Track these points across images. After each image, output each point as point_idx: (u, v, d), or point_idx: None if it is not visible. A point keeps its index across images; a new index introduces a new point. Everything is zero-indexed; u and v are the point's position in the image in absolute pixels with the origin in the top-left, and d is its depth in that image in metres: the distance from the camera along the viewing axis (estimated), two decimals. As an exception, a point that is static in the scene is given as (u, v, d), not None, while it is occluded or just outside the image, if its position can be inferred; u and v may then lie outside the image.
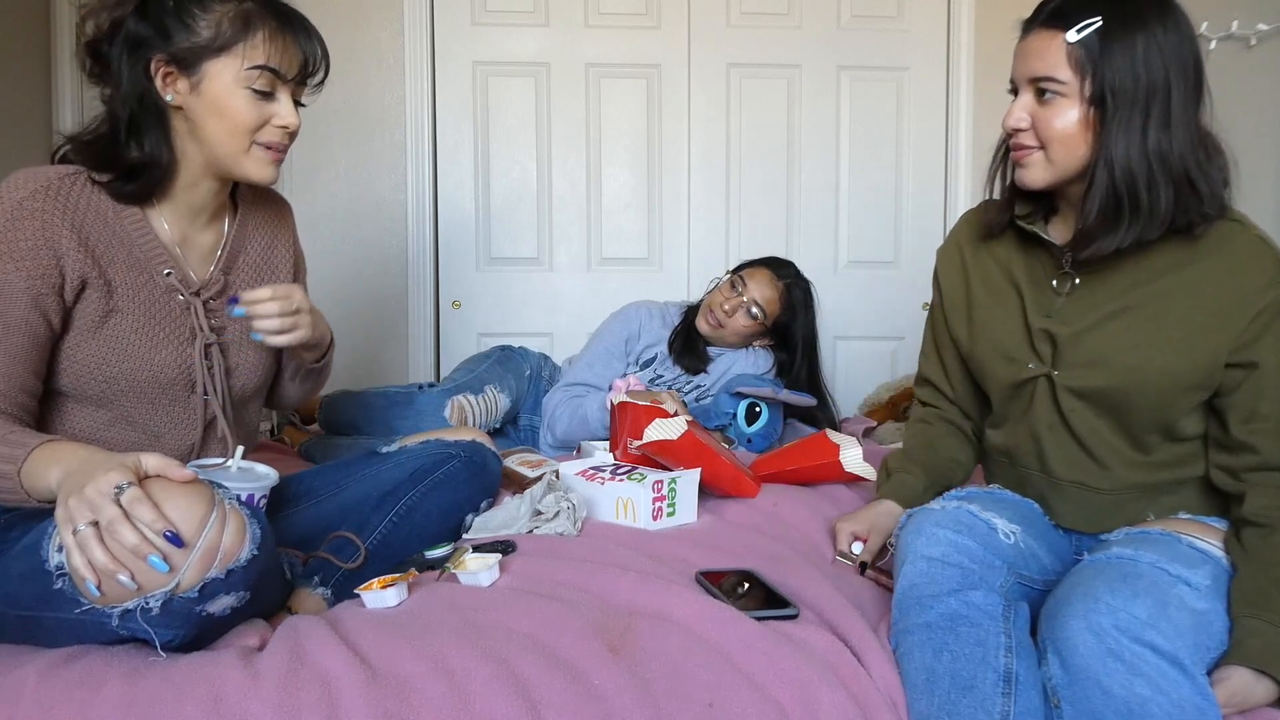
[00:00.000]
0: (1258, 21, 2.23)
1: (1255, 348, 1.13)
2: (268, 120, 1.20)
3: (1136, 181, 1.10)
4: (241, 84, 1.17)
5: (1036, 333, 1.25)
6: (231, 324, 1.30)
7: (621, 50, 2.91)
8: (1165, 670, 0.95)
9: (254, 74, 1.17)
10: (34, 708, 0.88)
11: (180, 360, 1.24)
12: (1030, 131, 1.16)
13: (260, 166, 1.22)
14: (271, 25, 1.17)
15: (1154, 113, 1.09)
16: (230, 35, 1.16)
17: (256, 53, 1.17)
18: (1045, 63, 1.12)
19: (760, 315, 2.18)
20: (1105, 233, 1.13)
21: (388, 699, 0.90)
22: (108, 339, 1.18)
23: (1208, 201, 1.12)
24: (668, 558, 1.30)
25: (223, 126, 1.18)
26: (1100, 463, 1.23)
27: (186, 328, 1.25)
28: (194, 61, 1.16)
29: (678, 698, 0.97)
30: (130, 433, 1.23)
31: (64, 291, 1.14)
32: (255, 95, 1.18)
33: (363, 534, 1.28)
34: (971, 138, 2.94)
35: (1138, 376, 1.17)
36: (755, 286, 2.19)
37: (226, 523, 0.95)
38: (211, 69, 1.16)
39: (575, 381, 2.16)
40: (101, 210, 1.18)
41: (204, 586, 0.93)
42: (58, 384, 1.18)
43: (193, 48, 1.15)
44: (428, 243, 2.90)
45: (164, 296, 1.23)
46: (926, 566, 1.11)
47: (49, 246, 1.12)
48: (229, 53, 1.16)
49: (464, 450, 1.43)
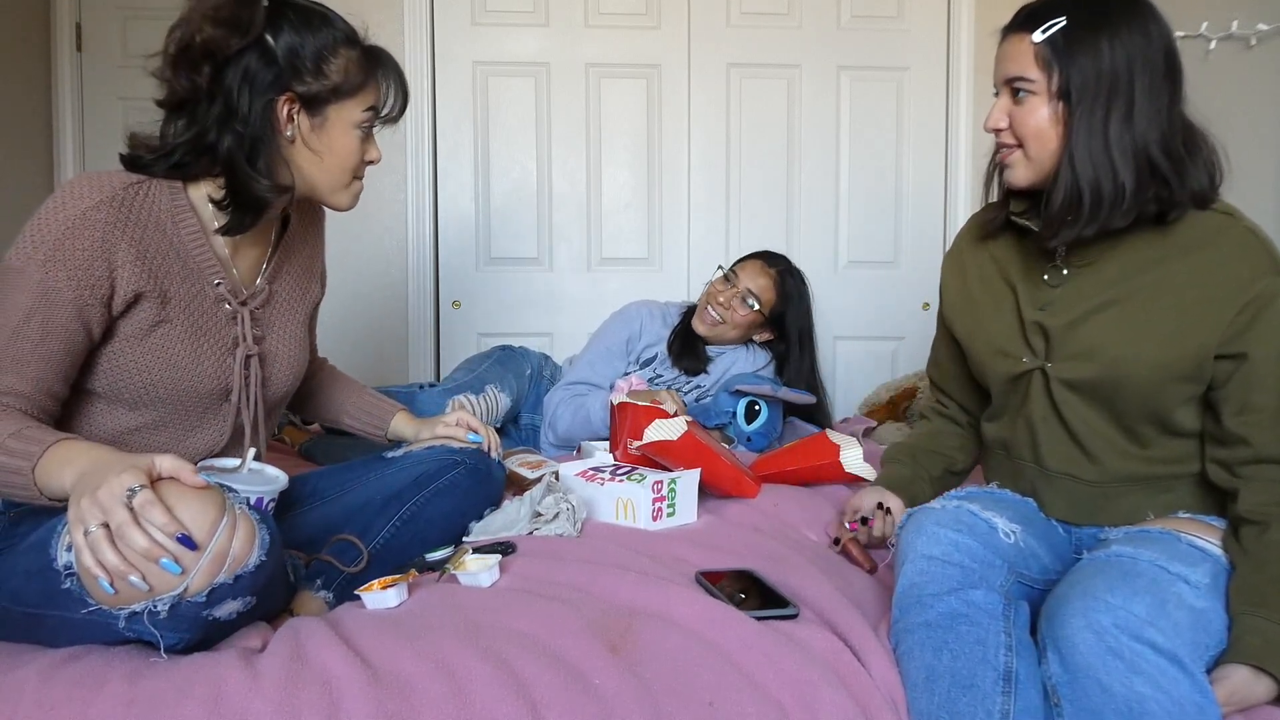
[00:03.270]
0: (1258, 21, 2.24)
1: (1244, 339, 1.14)
2: (364, 157, 1.28)
3: (1097, 173, 1.14)
4: (355, 124, 1.24)
5: (1030, 326, 1.26)
6: (272, 334, 1.33)
7: (621, 50, 2.92)
8: (1165, 668, 0.95)
9: (368, 115, 1.25)
10: (34, 707, 0.88)
11: (220, 371, 1.25)
12: (1009, 131, 1.21)
13: (353, 198, 1.31)
14: (384, 71, 1.26)
15: (1115, 106, 1.13)
16: (356, 82, 1.22)
17: (371, 97, 1.25)
18: (1017, 64, 1.17)
19: (757, 304, 2.17)
20: (1069, 221, 1.17)
21: (388, 699, 0.90)
22: (153, 348, 1.19)
23: (1177, 190, 1.14)
24: (668, 558, 1.30)
25: (335, 163, 1.25)
26: (1090, 455, 1.24)
27: (230, 337, 1.27)
28: (322, 104, 1.21)
29: (678, 698, 0.97)
30: (156, 435, 1.23)
31: (112, 303, 1.14)
32: (363, 134, 1.26)
33: (366, 538, 1.28)
34: (971, 138, 2.94)
35: (1127, 367, 1.18)
36: (748, 277, 2.19)
37: (236, 528, 0.95)
38: (334, 111, 1.22)
39: (577, 380, 2.16)
40: (161, 221, 1.18)
41: (212, 591, 0.93)
42: (91, 385, 1.18)
43: (323, 90, 1.20)
44: (428, 243, 2.90)
45: (213, 306, 1.25)
46: (927, 565, 1.11)
47: (105, 259, 1.12)
48: (353, 98, 1.23)
49: (469, 458, 1.41)
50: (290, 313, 1.37)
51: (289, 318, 1.36)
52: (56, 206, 1.11)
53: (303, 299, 1.40)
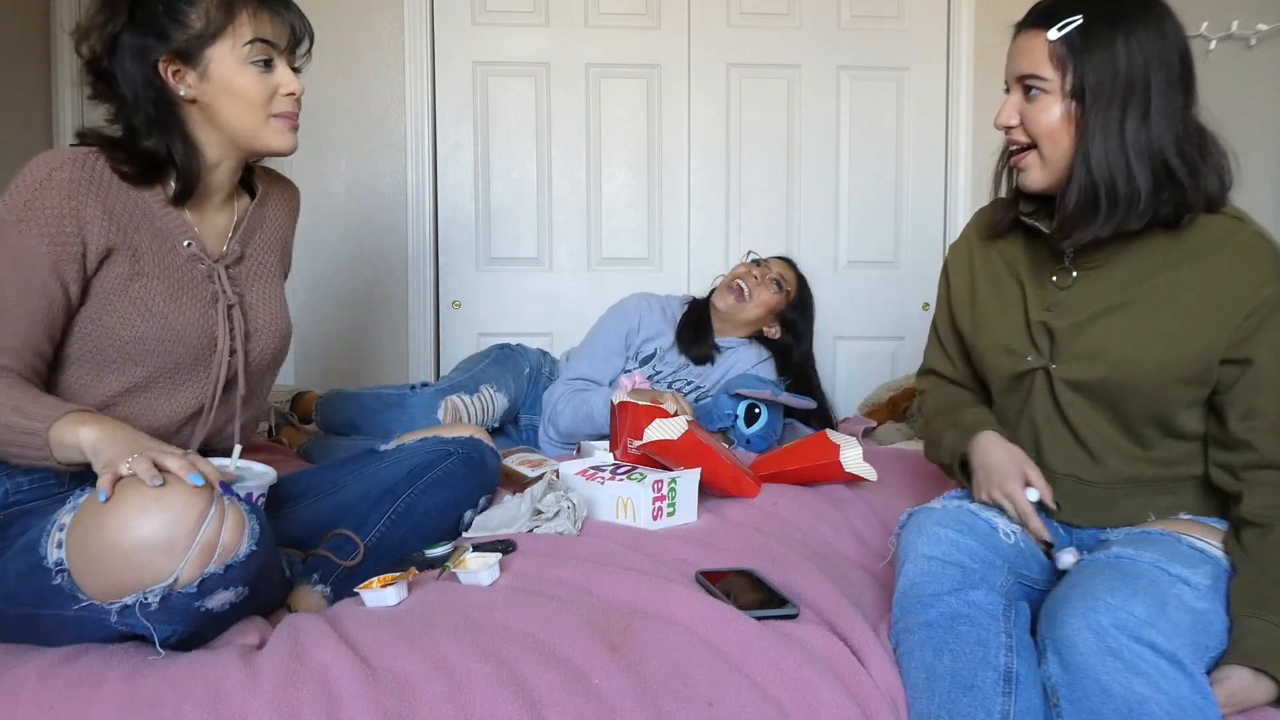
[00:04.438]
0: (1258, 21, 2.24)
1: (1250, 344, 1.13)
2: (275, 91, 1.26)
3: (1113, 173, 1.13)
4: (242, 61, 1.23)
5: (1035, 326, 1.26)
6: (250, 293, 1.35)
7: (621, 50, 2.91)
8: (1164, 669, 0.95)
9: (250, 48, 1.23)
10: (34, 707, 0.88)
11: (203, 322, 1.28)
12: (1020, 129, 1.19)
13: (279, 136, 1.29)
14: (251, 3, 1.24)
15: (1132, 107, 1.12)
16: (219, 20, 1.22)
17: (246, 29, 1.23)
18: (1030, 61, 1.16)
19: (785, 288, 2.26)
20: (1084, 223, 1.16)
21: (387, 698, 0.90)
22: (133, 301, 1.22)
23: (1190, 193, 1.14)
24: (668, 558, 1.30)
25: (238, 105, 1.25)
26: (1095, 456, 1.23)
27: (209, 293, 1.29)
28: (195, 52, 1.22)
29: (678, 697, 0.97)
30: (145, 396, 1.25)
31: (85, 260, 1.18)
32: (257, 68, 1.24)
33: (361, 532, 1.29)
34: (971, 138, 2.94)
35: (1132, 369, 1.17)
36: (778, 267, 2.30)
37: (225, 518, 0.96)
38: (213, 55, 1.22)
39: (576, 376, 2.15)
40: (124, 184, 1.23)
41: (203, 582, 0.94)
42: (76, 352, 1.21)
43: (190, 40, 1.21)
44: (428, 243, 2.90)
45: (186, 264, 1.28)
46: (927, 565, 1.11)
47: (74, 216, 1.17)
48: (222, 36, 1.22)
49: (462, 447, 1.43)
50: (266, 275, 1.40)
51: (265, 280, 1.39)
52: (22, 175, 1.17)
53: (275, 265, 1.43)
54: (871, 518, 1.59)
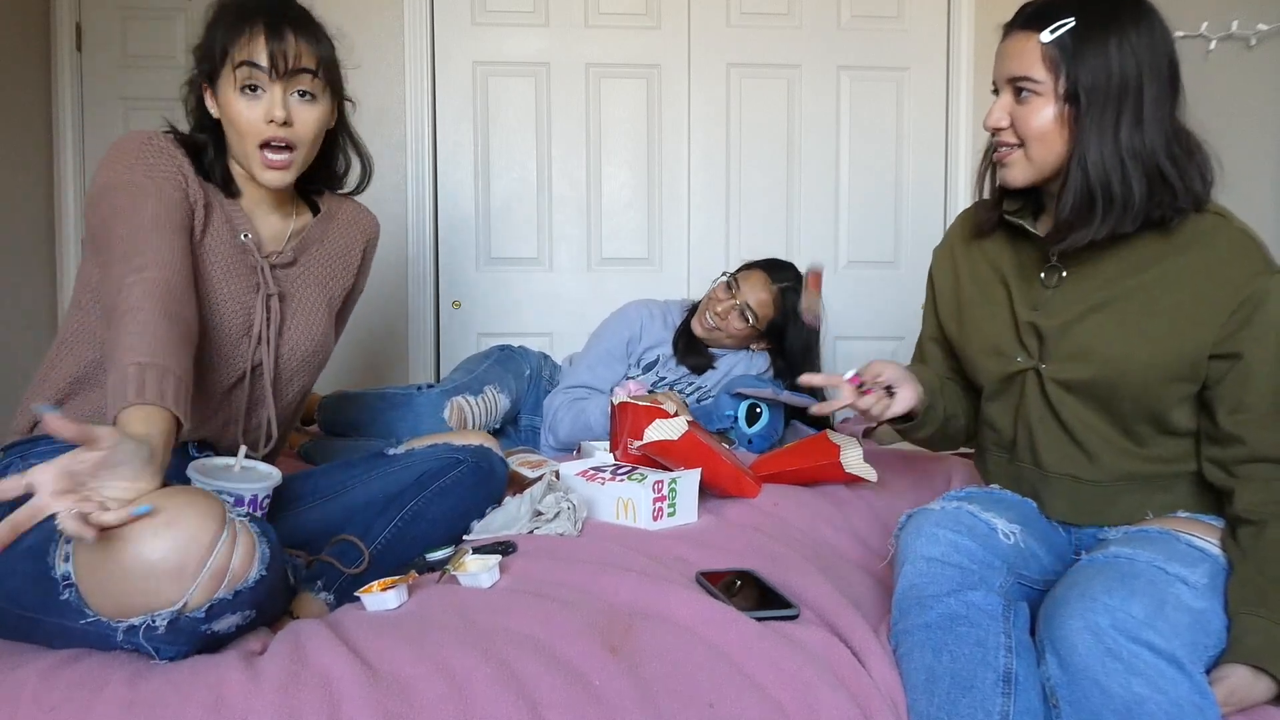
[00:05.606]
0: (1258, 21, 2.24)
1: (1238, 339, 1.14)
2: (263, 119, 1.25)
3: (1109, 176, 1.13)
4: (234, 86, 1.23)
5: (1024, 326, 1.26)
6: (293, 296, 1.41)
7: (621, 50, 2.91)
8: (1163, 669, 0.95)
9: (240, 72, 1.23)
10: (34, 708, 0.88)
11: (244, 304, 1.33)
12: (1010, 130, 1.20)
13: (260, 170, 1.29)
14: (257, 24, 1.23)
15: (1126, 110, 1.12)
16: (223, 42, 1.23)
17: (242, 52, 1.22)
18: (1021, 63, 1.16)
19: (753, 319, 2.14)
20: (1081, 225, 1.16)
21: (389, 700, 0.90)
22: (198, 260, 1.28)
23: (1180, 195, 1.15)
24: (668, 558, 1.30)
25: (232, 131, 1.28)
26: (1090, 454, 1.24)
27: (253, 282, 1.35)
28: (214, 75, 1.26)
29: (678, 698, 0.97)
30: None
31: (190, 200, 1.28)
32: (246, 95, 1.23)
33: (367, 538, 1.27)
34: (971, 138, 2.94)
35: (1121, 368, 1.18)
36: (749, 289, 2.15)
37: (237, 543, 0.94)
38: (223, 79, 1.25)
39: (577, 384, 2.15)
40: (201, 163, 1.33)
41: (211, 607, 0.93)
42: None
43: (209, 64, 1.25)
44: (428, 243, 2.90)
45: (240, 253, 1.34)
46: (926, 566, 1.11)
47: (176, 166, 1.27)
48: (227, 59, 1.23)
49: (472, 455, 1.40)
50: (313, 284, 1.43)
51: (312, 289, 1.42)
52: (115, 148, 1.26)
53: (328, 281, 1.45)
54: (872, 518, 1.59)
